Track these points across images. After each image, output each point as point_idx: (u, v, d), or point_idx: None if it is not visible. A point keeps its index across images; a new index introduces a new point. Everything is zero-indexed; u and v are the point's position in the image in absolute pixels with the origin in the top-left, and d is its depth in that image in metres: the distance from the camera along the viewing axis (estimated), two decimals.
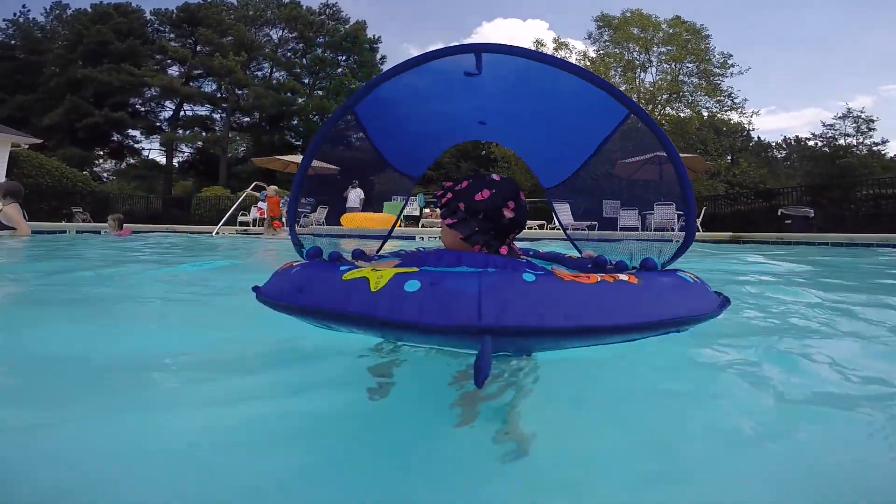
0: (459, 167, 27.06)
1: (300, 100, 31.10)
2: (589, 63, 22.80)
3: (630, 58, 23.07)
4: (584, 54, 23.91)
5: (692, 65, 22.44)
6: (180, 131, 30.33)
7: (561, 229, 3.08)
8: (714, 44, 22.74)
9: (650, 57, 23.20)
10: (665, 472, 0.60)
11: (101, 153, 29.75)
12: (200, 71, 30.64)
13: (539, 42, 23.56)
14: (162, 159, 31.19)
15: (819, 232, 9.38)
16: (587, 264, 1.53)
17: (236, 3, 32.78)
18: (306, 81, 32.77)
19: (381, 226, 8.31)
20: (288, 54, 33.11)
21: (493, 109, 1.36)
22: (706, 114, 23.08)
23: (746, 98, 24.13)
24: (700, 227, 11.38)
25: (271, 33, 33.33)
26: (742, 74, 22.37)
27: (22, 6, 31.13)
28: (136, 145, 31.04)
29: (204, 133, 30.88)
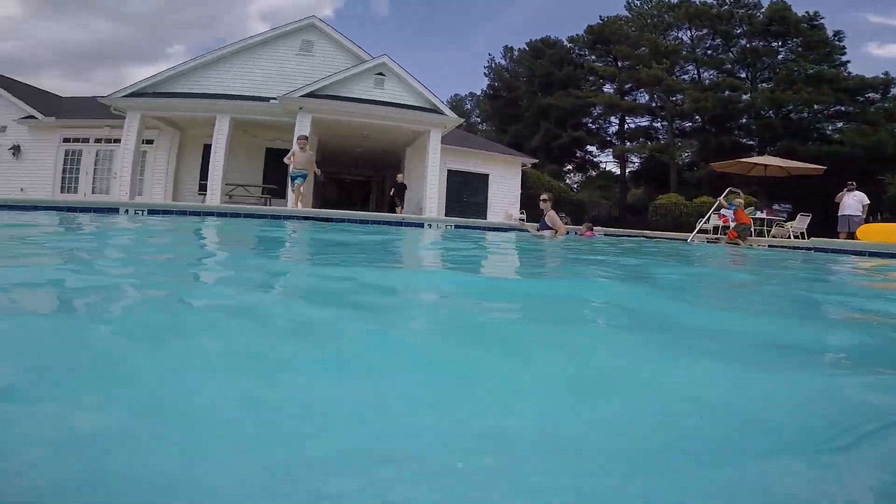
0: None
1: (744, 96, 27.35)
2: None
3: None
4: None
5: None
6: (628, 143, 32.88)
7: None
8: None
9: None
10: None
11: (569, 168, 36.62)
12: (630, 85, 32.05)
13: None
14: (616, 170, 34.96)
15: None
16: None
17: (630, 16, 32.68)
18: (742, 76, 28.95)
19: None
20: (708, 52, 30.42)
21: None
22: None
23: None
24: None
25: (680, 35, 31.54)
26: None
27: (488, 53, 41.98)
28: (595, 159, 36.25)
29: (649, 143, 32.18)
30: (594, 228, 9.17)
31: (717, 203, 10.26)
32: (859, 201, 10.05)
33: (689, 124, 31.30)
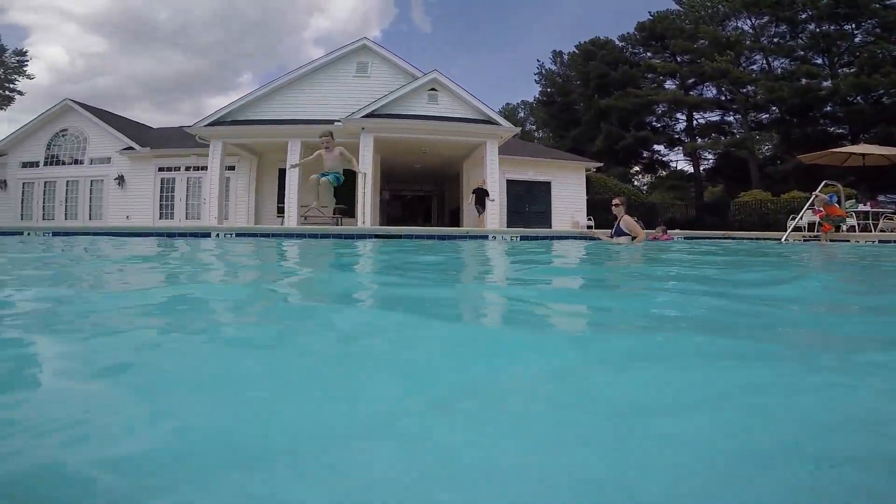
0: None
1: (824, 83, 24.93)
2: None
3: None
4: None
5: None
6: (699, 139, 30.95)
7: None
8: None
9: None
10: None
11: (637, 169, 35.08)
12: (694, 79, 30.23)
13: None
14: (689, 168, 33.03)
15: None
16: None
17: (682, 9, 30.90)
18: (819, 62, 26.48)
19: None
20: (774, 40, 27.97)
21: None
22: None
23: None
24: None
25: (739, 25, 29.25)
26: None
27: (537, 60, 41.21)
28: (664, 158, 34.44)
29: (723, 137, 30.11)
30: (667, 231, 8.73)
31: (813, 197, 9.35)
32: None
33: (766, 116, 29.06)
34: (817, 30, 26.57)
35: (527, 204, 15.78)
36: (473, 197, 11.61)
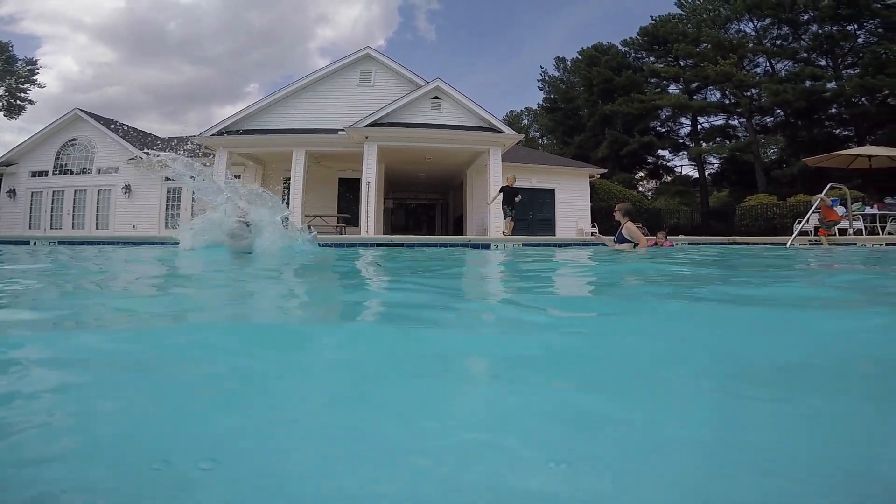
0: None
1: (829, 85, 24.90)
2: None
3: None
4: None
5: None
6: (704, 144, 30.87)
7: None
8: None
9: None
10: None
11: (642, 174, 34.98)
12: (697, 83, 30.23)
13: None
14: (694, 173, 32.94)
15: None
16: None
17: (683, 13, 30.90)
18: (822, 64, 26.40)
19: None
20: (777, 42, 27.86)
21: None
22: None
23: None
24: None
25: (742, 27, 29.21)
26: None
27: (540, 66, 41.49)
28: (668, 163, 34.36)
29: (727, 142, 30.01)
30: (668, 238, 8.66)
31: (819, 200, 9.28)
32: None
33: (771, 119, 28.93)
34: (820, 31, 26.46)
35: (531, 211, 15.76)
36: (501, 196, 10.66)
